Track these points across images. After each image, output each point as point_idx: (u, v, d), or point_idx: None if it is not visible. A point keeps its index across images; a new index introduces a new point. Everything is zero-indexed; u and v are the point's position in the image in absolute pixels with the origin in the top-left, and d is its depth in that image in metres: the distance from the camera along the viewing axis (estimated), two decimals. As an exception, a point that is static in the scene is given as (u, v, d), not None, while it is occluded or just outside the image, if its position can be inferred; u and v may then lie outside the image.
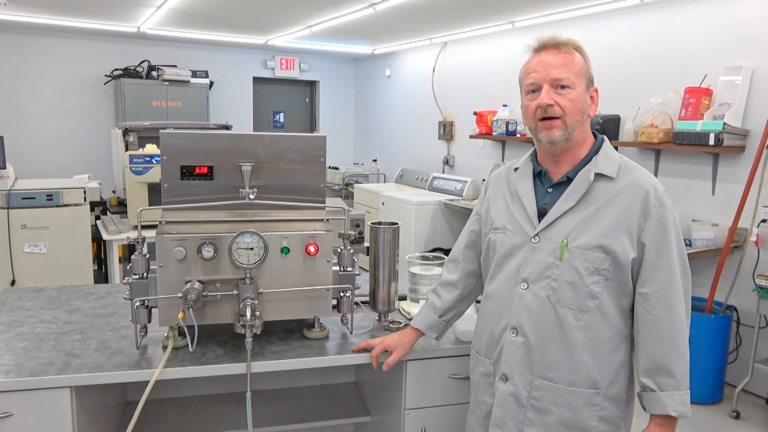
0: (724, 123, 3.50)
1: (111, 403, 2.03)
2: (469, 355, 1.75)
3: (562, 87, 1.44)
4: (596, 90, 1.51)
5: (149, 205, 3.66)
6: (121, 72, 6.75)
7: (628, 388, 1.52)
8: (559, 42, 1.47)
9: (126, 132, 4.27)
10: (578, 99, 1.45)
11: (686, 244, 3.57)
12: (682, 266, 1.45)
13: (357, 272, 1.88)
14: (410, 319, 2.02)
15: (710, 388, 3.47)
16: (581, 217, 1.45)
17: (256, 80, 7.93)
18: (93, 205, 4.24)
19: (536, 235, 1.49)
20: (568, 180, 1.50)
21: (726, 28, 3.70)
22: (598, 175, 1.46)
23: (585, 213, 1.45)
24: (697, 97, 3.68)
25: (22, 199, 3.65)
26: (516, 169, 1.62)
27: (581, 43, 1.50)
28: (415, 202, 5.55)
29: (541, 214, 1.51)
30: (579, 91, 1.45)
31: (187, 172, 1.75)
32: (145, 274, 1.68)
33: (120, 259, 4.12)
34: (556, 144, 1.47)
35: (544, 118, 1.45)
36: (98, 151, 6.87)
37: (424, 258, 2.19)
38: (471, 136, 5.80)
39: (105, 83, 6.93)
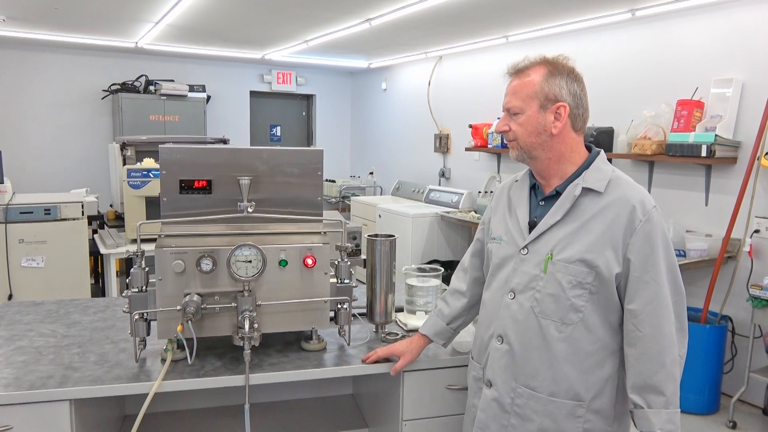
0: (716, 135, 3.54)
1: (110, 416, 2.03)
2: (465, 366, 1.77)
3: (515, 114, 1.51)
4: (563, 106, 1.47)
5: (147, 219, 3.68)
6: (119, 86, 6.78)
7: (618, 402, 1.49)
8: (519, 68, 1.52)
9: (123, 146, 4.29)
10: (527, 122, 1.49)
11: (680, 255, 3.59)
12: (673, 282, 1.43)
13: (354, 284, 1.90)
14: (407, 331, 2.04)
15: (706, 398, 3.49)
16: (567, 230, 1.47)
17: (253, 94, 7.98)
18: (90, 219, 4.25)
19: (525, 246, 1.52)
20: (557, 194, 1.52)
21: (716, 41, 3.76)
22: (586, 190, 1.48)
23: (571, 227, 1.47)
24: (689, 110, 3.73)
25: (20, 213, 3.66)
26: (517, 181, 1.67)
27: (560, 58, 1.50)
28: (411, 215, 5.58)
29: (532, 226, 1.54)
30: (528, 114, 1.48)
31: (186, 186, 1.78)
32: (144, 288, 1.70)
33: (117, 272, 4.12)
34: (520, 161, 1.56)
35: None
36: (96, 165, 6.89)
37: (420, 270, 2.21)
38: (467, 149, 5.84)
39: (103, 98, 6.96)
